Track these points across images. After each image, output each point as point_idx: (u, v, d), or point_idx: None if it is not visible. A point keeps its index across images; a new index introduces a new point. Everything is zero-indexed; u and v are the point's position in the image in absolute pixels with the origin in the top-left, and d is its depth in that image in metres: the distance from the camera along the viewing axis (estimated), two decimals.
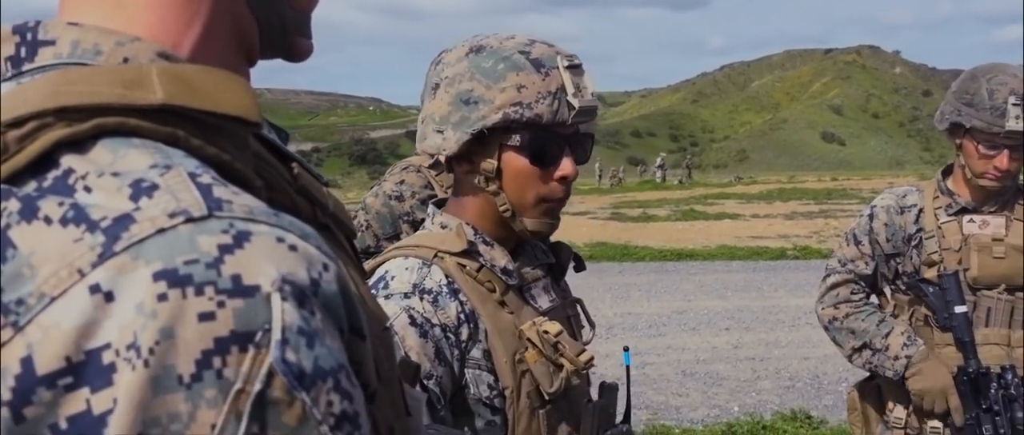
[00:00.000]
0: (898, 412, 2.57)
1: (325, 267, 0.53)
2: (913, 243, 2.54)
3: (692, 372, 7.04)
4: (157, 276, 0.48)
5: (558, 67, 1.39)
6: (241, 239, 0.50)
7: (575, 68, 1.41)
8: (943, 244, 2.49)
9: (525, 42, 1.41)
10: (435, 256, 1.40)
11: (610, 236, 16.23)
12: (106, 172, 0.53)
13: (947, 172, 2.60)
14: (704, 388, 6.64)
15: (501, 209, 1.43)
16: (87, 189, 0.52)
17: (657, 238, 15.99)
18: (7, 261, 0.50)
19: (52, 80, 0.57)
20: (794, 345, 7.86)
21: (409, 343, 1.31)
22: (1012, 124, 2.35)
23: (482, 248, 1.43)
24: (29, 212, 0.51)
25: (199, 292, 0.48)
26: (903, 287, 2.58)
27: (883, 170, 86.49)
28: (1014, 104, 2.35)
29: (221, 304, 0.48)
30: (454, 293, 1.38)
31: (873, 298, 2.67)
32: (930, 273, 2.49)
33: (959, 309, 2.42)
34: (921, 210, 2.56)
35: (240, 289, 0.49)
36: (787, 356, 7.49)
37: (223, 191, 0.53)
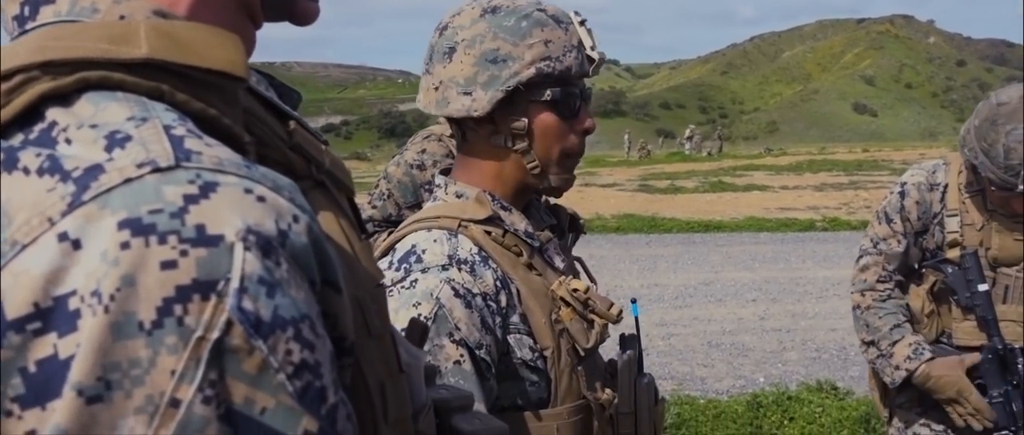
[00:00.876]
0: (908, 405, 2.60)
1: (295, 218, 0.54)
2: (937, 220, 2.53)
3: (718, 343, 7.05)
4: (121, 224, 0.49)
5: (573, 22, 1.43)
6: (207, 190, 0.52)
7: (583, 23, 1.44)
8: (966, 220, 2.48)
9: (535, 0, 1.43)
10: (459, 225, 1.40)
11: (638, 208, 16.20)
12: (86, 124, 0.54)
13: None
14: (730, 359, 6.65)
15: (529, 167, 1.43)
16: (68, 141, 0.54)
17: (685, 210, 15.94)
18: None
19: (41, 35, 0.58)
20: (821, 316, 7.84)
21: (457, 315, 1.31)
22: None
23: (502, 213, 1.43)
24: (10, 163, 0.53)
25: (162, 241, 0.49)
26: (927, 263, 2.57)
27: (915, 141, 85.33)
28: None
29: (184, 253, 0.49)
30: (486, 261, 1.38)
31: (899, 291, 2.64)
32: (953, 252, 2.48)
33: (982, 287, 2.42)
34: (946, 187, 2.54)
35: (203, 238, 0.50)
36: (814, 327, 7.48)
37: (195, 142, 0.54)
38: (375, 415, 0.67)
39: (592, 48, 1.43)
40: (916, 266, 2.63)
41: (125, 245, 0.49)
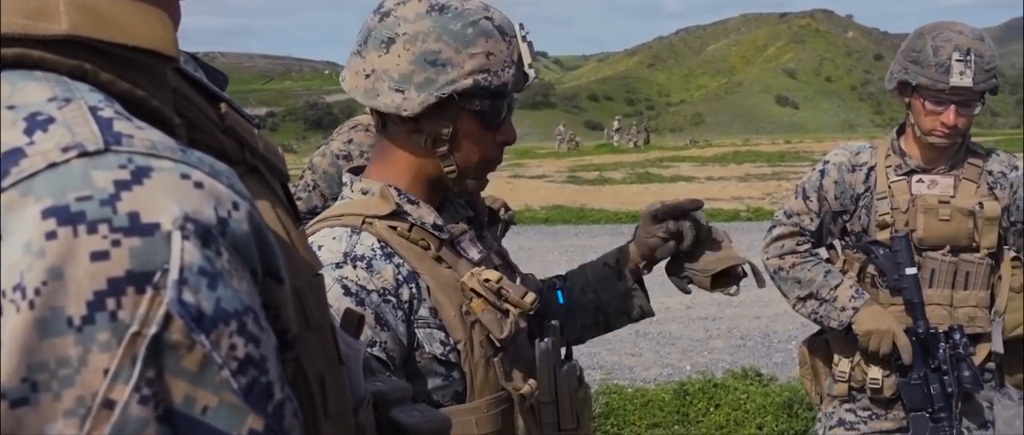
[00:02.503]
0: (842, 365, 2.60)
1: (235, 205, 0.51)
2: (862, 202, 2.55)
3: (645, 332, 7.14)
4: (46, 213, 0.46)
5: (516, 36, 1.41)
6: (140, 175, 0.48)
7: (525, 38, 1.47)
8: (892, 204, 2.51)
9: (483, 6, 1.41)
10: (363, 222, 1.39)
11: (566, 199, 16.29)
12: (2, 105, 0.50)
13: (901, 131, 2.60)
14: (657, 348, 6.74)
15: (446, 170, 1.42)
16: None
17: (613, 201, 16.08)
18: None
19: None
20: (746, 305, 7.99)
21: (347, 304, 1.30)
22: (956, 79, 2.36)
23: (408, 208, 1.42)
24: None
25: (92, 230, 0.46)
26: (852, 246, 2.60)
27: (836, 133, 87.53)
28: (957, 60, 2.37)
29: (116, 242, 0.46)
30: (388, 256, 1.36)
31: (822, 252, 2.69)
32: (882, 235, 2.50)
33: (909, 271, 2.45)
34: (872, 169, 2.56)
35: (137, 227, 0.46)
36: (739, 316, 7.62)
37: (125, 125, 0.50)
38: (315, 409, 0.64)
39: (529, 65, 1.44)
40: (828, 244, 2.66)
41: (51, 235, 0.45)
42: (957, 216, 2.49)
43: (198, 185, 0.49)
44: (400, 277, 1.36)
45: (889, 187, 2.53)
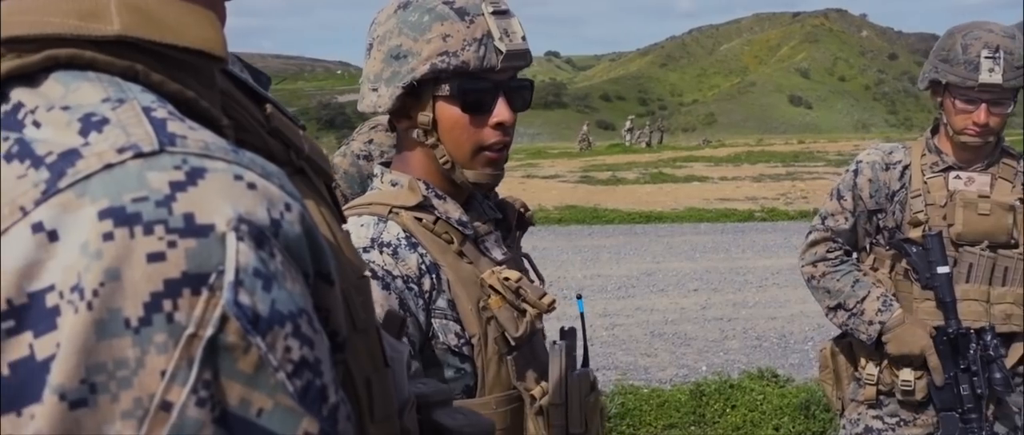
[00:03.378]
0: (870, 368, 2.57)
1: (287, 207, 0.51)
2: (897, 200, 2.54)
3: (661, 333, 7.12)
4: (103, 214, 0.45)
5: (483, 13, 1.39)
6: (195, 176, 0.48)
7: (501, 13, 1.40)
8: (928, 200, 2.49)
9: None
10: (390, 212, 1.42)
11: (579, 199, 16.27)
12: (56, 106, 0.50)
13: (935, 130, 2.59)
14: (672, 348, 6.72)
15: (441, 161, 1.43)
16: (36, 124, 0.49)
17: (626, 201, 16.05)
18: None
19: (3, 10, 0.54)
20: (761, 305, 7.96)
21: (373, 297, 1.32)
22: (985, 77, 2.36)
23: (435, 201, 1.44)
24: None
25: (148, 231, 0.45)
26: (884, 243, 2.58)
27: (849, 133, 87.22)
28: (986, 57, 2.36)
29: (172, 244, 0.45)
30: (413, 246, 1.39)
31: (854, 255, 2.67)
32: (915, 233, 2.48)
33: (942, 270, 2.43)
34: (907, 167, 2.55)
35: (193, 228, 0.46)
36: (754, 316, 7.59)
37: (178, 126, 0.50)
38: (361, 412, 0.64)
39: (502, 39, 1.39)
40: (865, 246, 2.64)
41: (108, 236, 0.45)
42: (997, 210, 2.47)
43: (251, 186, 0.49)
44: (423, 267, 1.38)
45: (925, 183, 2.52)
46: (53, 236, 0.45)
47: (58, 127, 0.49)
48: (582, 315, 1.65)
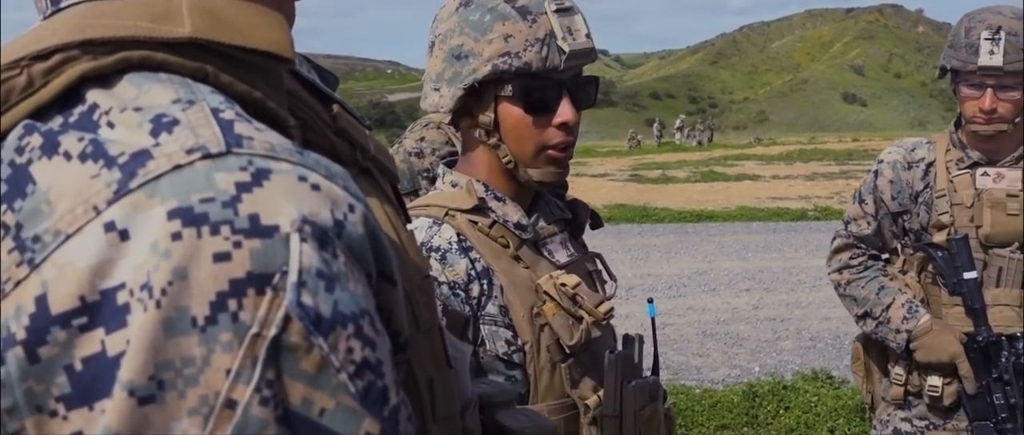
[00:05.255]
0: (898, 369, 2.47)
1: (351, 208, 0.51)
2: (921, 200, 2.41)
3: (712, 333, 7.05)
4: (172, 214, 0.46)
5: (546, 12, 1.36)
6: (260, 177, 0.48)
7: (565, 11, 1.37)
8: (954, 199, 2.36)
9: None
10: (446, 214, 1.40)
11: (629, 198, 16.20)
12: (129, 107, 0.51)
13: (959, 123, 2.44)
14: (725, 348, 6.65)
15: (504, 161, 1.41)
16: (110, 125, 0.51)
17: (677, 200, 15.94)
18: (28, 196, 0.49)
19: (79, 13, 0.55)
20: (815, 305, 7.84)
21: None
22: (984, 59, 2.23)
23: (493, 204, 1.41)
24: (50, 147, 0.50)
25: (215, 231, 0.46)
26: (911, 245, 2.46)
27: (905, 131, 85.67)
28: (986, 38, 2.23)
29: (237, 244, 0.46)
30: (465, 251, 1.36)
31: (884, 256, 2.56)
32: (940, 236, 2.35)
33: (969, 275, 2.29)
34: (931, 165, 2.42)
35: (257, 229, 0.47)
36: (808, 316, 7.48)
37: (245, 127, 0.51)
38: (424, 412, 0.64)
39: (565, 38, 1.36)
40: (895, 247, 2.53)
41: (176, 236, 0.46)
42: None
43: (315, 187, 0.50)
44: (472, 272, 1.36)
45: (951, 182, 2.37)
46: (124, 235, 0.46)
47: (130, 128, 0.50)
48: (653, 320, 1.61)
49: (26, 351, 0.46)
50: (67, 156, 0.49)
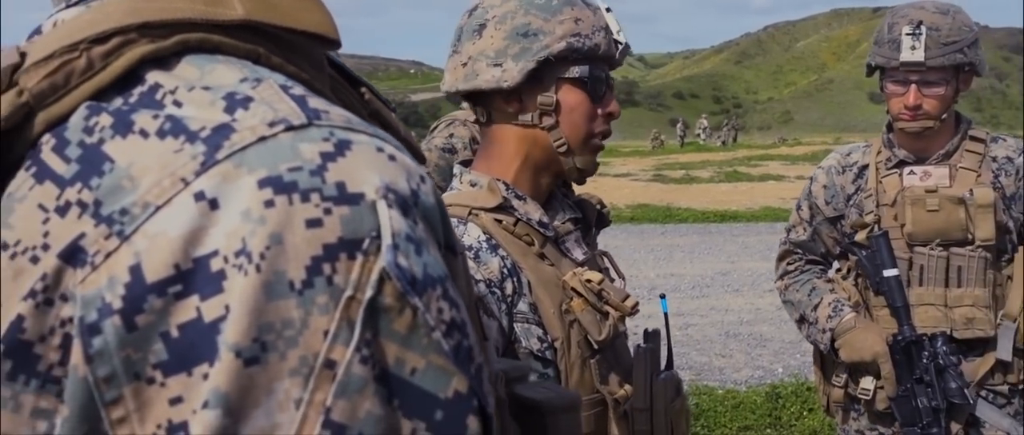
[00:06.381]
0: (837, 372, 2.42)
1: (422, 179, 0.53)
2: (853, 203, 2.38)
3: (735, 333, 7.02)
4: (262, 183, 0.47)
5: (601, 7, 1.44)
6: (342, 147, 0.50)
7: (610, 11, 1.46)
8: (882, 199, 2.31)
9: None
10: (470, 214, 1.40)
11: (652, 198, 16.15)
12: (196, 86, 0.52)
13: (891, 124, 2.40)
14: (748, 349, 6.61)
15: (556, 143, 1.42)
16: (177, 103, 0.52)
17: (700, 200, 15.88)
18: (105, 174, 0.49)
19: None
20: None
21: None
22: (906, 55, 2.19)
23: (515, 203, 1.42)
24: (123, 126, 0.51)
25: (305, 199, 0.47)
26: (840, 247, 2.42)
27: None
28: (907, 34, 2.19)
29: (327, 211, 0.48)
30: (494, 249, 1.37)
31: (836, 264, 2.52)
32: (862, 235, 2.30)
33: (889, 272, 2.24)
34: (865, 167, 2.38)
35: (345, 196, 0.48)
36: None
37: (318, 101, 0.53)
38: None
39: (619, 32, 1.44)
40: (834, 252, 2.48)
41: (269, 203, 0.47)
42: (946, 205, 2.25)
43: (392, 158, 0.52)
44: (504, 270, 1.36)
45: (880, 182, 2.34)
46: (214, 204, 0.47)
47: (201, 106, 0.51)
48: (666, 316, 1.62)
49: (123, 319, 0.46)
50: (143, 134, 0.50)
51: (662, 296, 1.65)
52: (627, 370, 1.42)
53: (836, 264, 2.54)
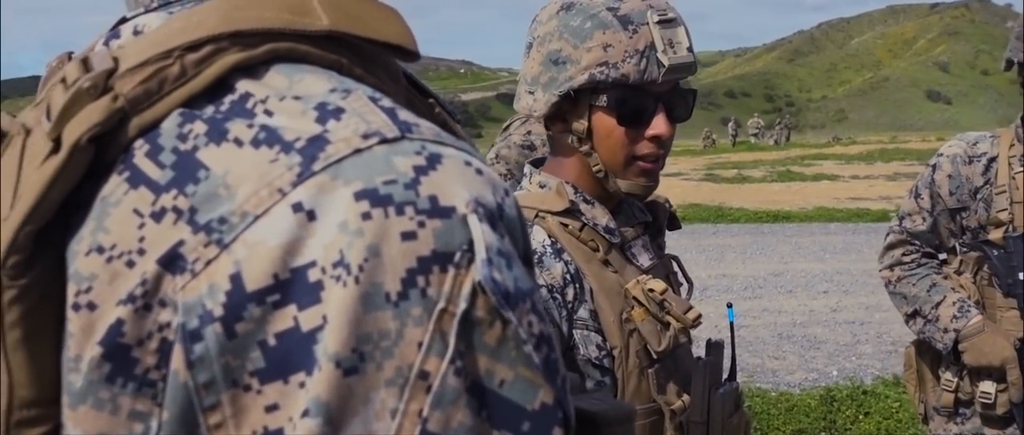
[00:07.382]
0: (948, 375, 2.36)
1: (505, 192, 0.53)
2: (981, 197, 2.28)
3: (789, 335, 6.92)
4: (359, 195, 0.48)
5: (648, 23, 1.34)
6: (434, 161, 0.50)
7: (667, 22, 1.35)
8: (1015, 197, 2.23)
9: None
10: (536, 216, 1.39)
11: (704, 197, 16.01)
12: (287, 96, 0.53)
13: None
14: (801, 351, 6.52)
15: (594, 169, 1.40)
16: (268, 112, 0.52)
17: (752, 200, 15.70)
18: (201, 182, 0.50)
19: (222, 5, 0.56)
20: (896, 309, 7.64)
21: None
22: None
23: (583, 207, 1.40)
24: (217, 134, 0.51)
25: (400, 212, 0.48)
26: (967, 243, 2.34)
27: (992, 129, 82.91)
28: None
29: (421, 224, 0.48)
30: (558, 253, 1.36)
31: (942, 255, 2.44)
32: (996, 234, 2.23)
33: None
34: (994, 160, 2.29)
35: (438, 210, 0.49)
36: (889, 320, 7.27)
37: (407, 114, 0.53)
38: None
39: (665, 51, 1.34)
40: (952, 246, 2.40)
41: (366, 216, 0.48)
42: None
43: (479, 172, 0.52)
44: (567, 276, 1.35)
45: (1012, 178, 2.24)
46: (311, 216, 0.48)
47: (292, 116, 0.52)
48: (732, 325, 1.59)
49: (224, 327, 0.47)
50: (238, 142, 0.51)
51: (729, 305, 1.63)
52: (686, 379, 1.41)
53: (941, 256, 2.46)
